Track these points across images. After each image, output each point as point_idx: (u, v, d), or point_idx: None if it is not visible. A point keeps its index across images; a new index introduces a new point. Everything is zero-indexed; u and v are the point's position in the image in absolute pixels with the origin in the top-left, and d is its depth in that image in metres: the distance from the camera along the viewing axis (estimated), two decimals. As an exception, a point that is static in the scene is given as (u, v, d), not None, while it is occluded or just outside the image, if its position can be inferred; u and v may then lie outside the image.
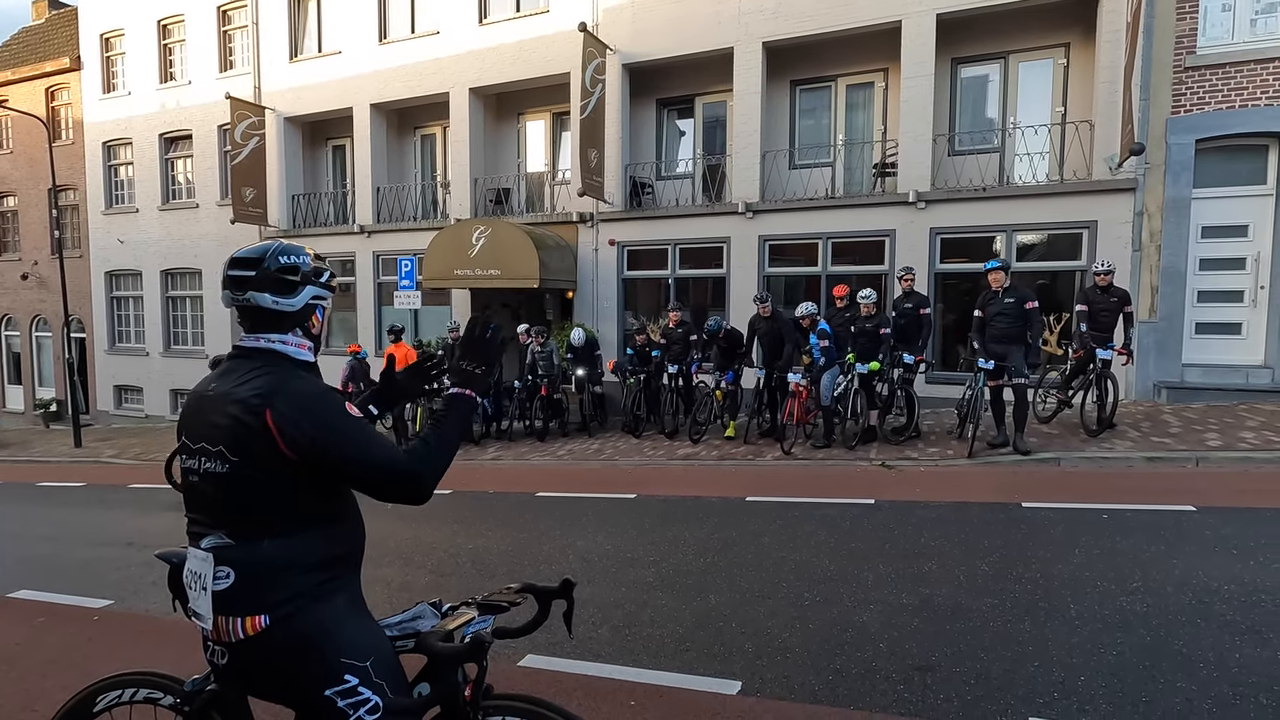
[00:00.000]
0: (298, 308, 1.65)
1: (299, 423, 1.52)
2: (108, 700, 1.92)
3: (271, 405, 1.52)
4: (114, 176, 18.06)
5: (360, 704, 1.56)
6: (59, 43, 19.33)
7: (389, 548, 5.36)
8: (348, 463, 1.55)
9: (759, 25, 10.83)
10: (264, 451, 1.52)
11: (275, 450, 1.52)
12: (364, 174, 14.39)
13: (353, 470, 1.56)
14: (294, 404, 1.54)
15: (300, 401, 1.55)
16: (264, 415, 1.52)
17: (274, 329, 1.64)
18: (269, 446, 1.52)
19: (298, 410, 1.53)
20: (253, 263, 1.63)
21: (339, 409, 1.58)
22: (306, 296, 1.66)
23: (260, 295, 1.62)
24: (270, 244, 1.68)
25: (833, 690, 3.04)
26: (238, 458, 1.54)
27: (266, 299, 1.62)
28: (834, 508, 5.79)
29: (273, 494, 1.56)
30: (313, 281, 1.68)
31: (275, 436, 1.51)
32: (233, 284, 1.63)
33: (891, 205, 10.19)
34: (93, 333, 18.41)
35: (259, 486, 1.55)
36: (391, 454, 1.57)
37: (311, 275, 1.68)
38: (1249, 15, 8.75)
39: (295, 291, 1.65)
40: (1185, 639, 3.27)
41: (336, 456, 1.54)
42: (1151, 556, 4.28)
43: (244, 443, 1.53)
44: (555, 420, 10.79)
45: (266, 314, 1.64)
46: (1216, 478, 5.97)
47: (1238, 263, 8.97)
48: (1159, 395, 8.89)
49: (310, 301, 1.68)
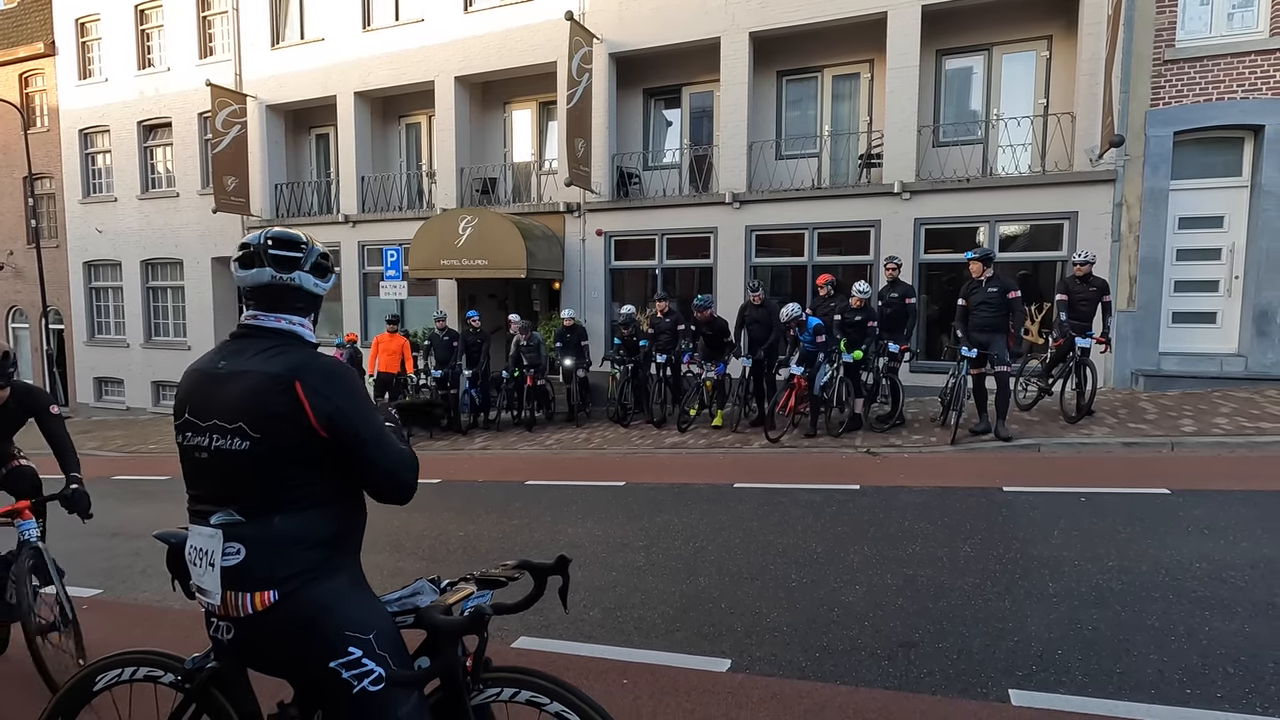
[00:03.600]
0: (326, 291, 1.77)
1: (330, 395, 1.57)
2: (107, 679, 1.94)
3: (301, 378, 1.56)
4: (91, 165, 17.73)
5: (364, 675, 1.59)
6: (32, 27, 18.88)
7: (380, 535, 5.36)
8: (367, 442, 1.59)
9: (746, 15, 10.85)
10: (289, 426, 1.55)
11: (301, 424, 1.55)
12: (348, 163, 14.25)
13: (371, 449, 1.59)
14: (324, 377, 1.59)
15: (329, 375, 1.60)
16: (294, 387, 1.55)
17: (297, 311, 1.70)
18: (296, 420, 1.55)
19: (328, 383, 1.58)
20: (299, 245, 1.69)
21: (363, 387, 1.67)
22: (331, 282, 1.78)
23: (306, 277, 1.69)
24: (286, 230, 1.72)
25: (820, 667, 3.12)
26: (259, 434, 1.56)
27: (310, 281, 1.70)
28: (820, 493, 5.88)
29: (290, 471, 1.59)
30: (332, 270, 1.80)
31: (305, 408, 1.55)
32: (278, 264, 1.66)
33: (877, 196, 10.28)
34: (71, 324, 18.12)
35: (277, 463, 1.57)
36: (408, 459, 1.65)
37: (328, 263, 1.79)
38: (1226, 9, 8.89)
39: (326, 277, 1.76)
40: (1158, 614, 3.39)
41: (360, 432, 1.59)
42: (1127, 537, 4.41)
43: (267, 418, 1.56)
44: (543, 410, 10.82)
45: (301, 295, 1.69)
46: (1190, 462, 6.13)
47: (1213, 253, 9.15)
48: (1136, 383, 9.08)
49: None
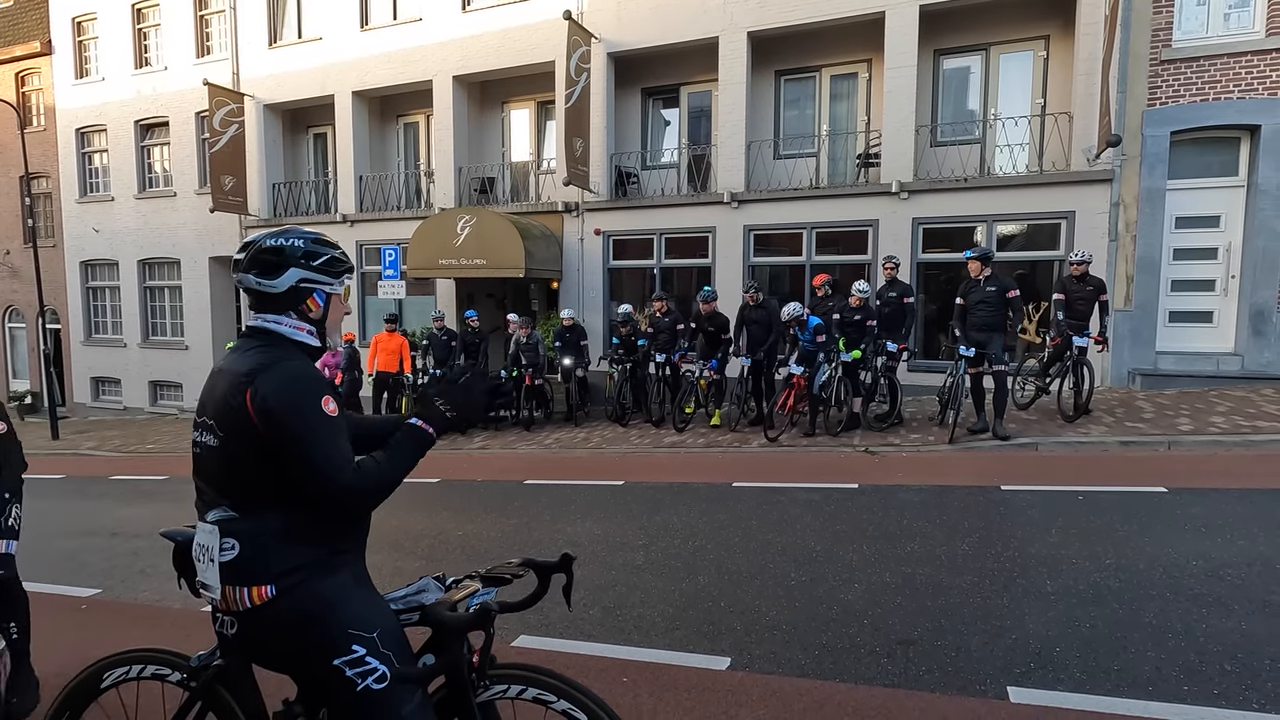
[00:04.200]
0: (281, 289, 1.69)
1: (269, 397, 1.56)
2: (114, 677, 1.95)
3: (253, 382, 1.58)
4: (88, 164, 17.69)
5: (368, 673, 1.60)
6: (29, 26, 18.81)
7: (379, 535, 5.27)
8: (297, 449, 1.55)
9: (744, 15, 10.86)
10: (242, 427, 1.58)
11: (250, 424, 1.57)
12: (346, 162, 14.23)
13: (297, 459, 1.55)
14: (272, 380, 1.58)
15: (279, 378, 1.59)
16: (244, 393, 1.57)
17: (270, 309, 1.71)
18: (245, 421, 1.57)
19: (273, 386, 1.57)
20: (245, 245, 1.72)
21: (314, 396, 1.59)
22: (290, 279, 1.69)
23: (246, 276, 1.70)
24: (277, 229, 1.74)
25: (819, 664, 3.14)
26: (224, 433, 1.61)
27: (251, 280, 1.70)
28: (818, 492, 5.90)
29: (261, 468, 1.60)
30: (298, 264, 1.70)
31: (250, 411, 1.56)
32: (234, 265, 1.74)
33: (875, 195, 10.30)
34: (68, 323, 18.07)
35: (245, 461, 1.60)
36: (341, 463, 1.56)
37: (299, 259, 1.70)
38: (1222, 10, 8.92)
39: (278, 273, 1.69)
40: (1155, 612, 3.40)
41: (289, 438, 1.55)
42: (1124, 535, 4.43)
43: (227, 418, 1.60)
44: (541, 410, 10.83)
45: (259, 295, 1.71)
46: (1187, 461, 6.15)
47: (1210, 253, 9.19)
48: (1133, 382, 9.11)
49: (299, 285, 1.70)
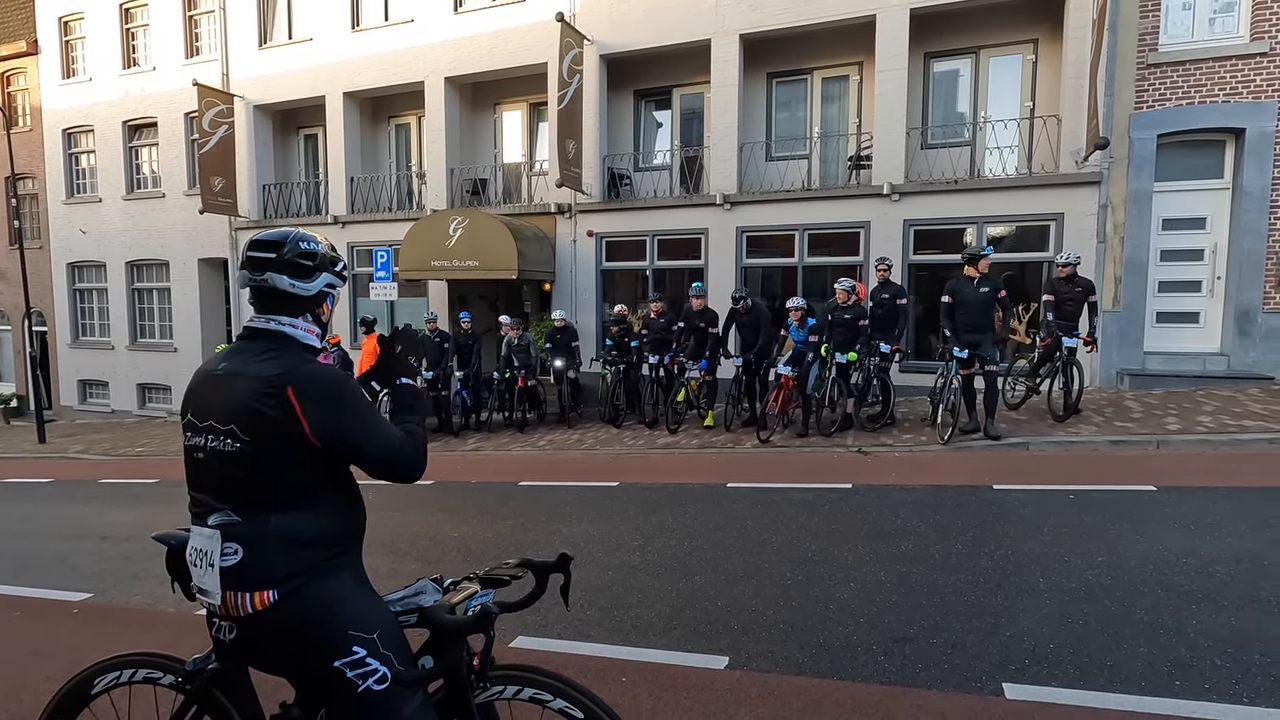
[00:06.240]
0: (312, 292, 1.72)
1: (325, 397, 1.58)
2: (106, 682, 1.92)
3: (295, 384, 1.57)
4: (75, 165, 17.51)
5: (368, 675, 1.60)
6: (14, 25, 18.62)
7: (375, 536, 5.24)
8: (363, 445, 1.61)
9: (736, 17, 10.90)
10: (279, 431, 1.56)
11: (292, 430, 1.56)
12: (337, 164, 14.16)
13: (367, 451, 1.62)
14: (317, 380, 1.60)
15: (324, 378, 1.61)
16: (286, 392, 1.56)
17: (286, 312, 1.70)
18: (288, 425, 1.56)
19: (323, 386, 1.59)
20: (274, 245, 1.69)
21: (357, 392, 1.67)
22: (321, 283, 1.74)
23: (279, 277, 1.68)
24: (289, 230, 1.74)
25: (816, 663, 3.15)
26: (249, 437, 1.58)
27: (284, 281, 1.68)
28: (813, 492, 5.92)
29: (281, 472, 1.60)
30: (328, 269, 1.75)
31: (299, 417, 1.56)
32: (252, 265, 1.69)
33: (866, 197, 10.36)
34: (55, 326, 17.88)
35: (268, 465, 1.59)
36: (399, 440, 1.66)
37: (328, 263, 1.75)
38: (1208, 14, 9.04)
39: (312, 276, 1.72)
40: (1146, 608, 3.44)
41: (356, 439, 1.61)
42: (1115, 533, 4.47)
43: (258, 422, 1.57)
44: (534, 411, 10.81)
45: (282, 296, 1.69)
46: (1175, 459, 6.22)
47: (1196, 254, 9.30)
48: (1122, 382, 9.19)
49: (324, 289, 1.75)
